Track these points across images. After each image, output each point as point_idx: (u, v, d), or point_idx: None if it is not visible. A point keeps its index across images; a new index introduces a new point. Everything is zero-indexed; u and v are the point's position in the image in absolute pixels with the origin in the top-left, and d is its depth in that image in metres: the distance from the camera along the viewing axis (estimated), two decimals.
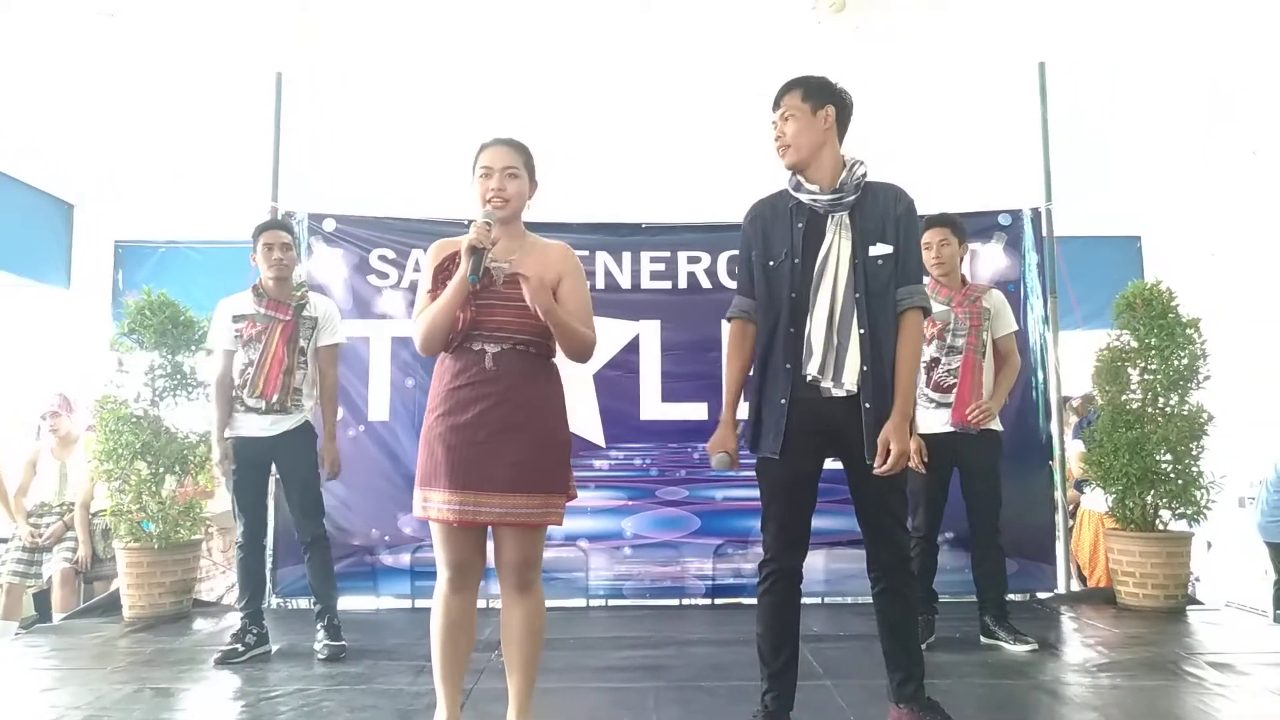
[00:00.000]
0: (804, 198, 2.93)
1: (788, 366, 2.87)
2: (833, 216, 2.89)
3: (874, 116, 6.46)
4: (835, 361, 2.82)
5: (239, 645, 4.20)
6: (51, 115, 6.48)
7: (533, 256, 2.88)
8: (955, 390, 4.30)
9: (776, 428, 2.87)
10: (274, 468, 4.44)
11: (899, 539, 2.95)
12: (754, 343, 3.01)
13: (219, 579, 6.54)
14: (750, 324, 3.02)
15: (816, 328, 2.83)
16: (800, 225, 2.91)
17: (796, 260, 2.89)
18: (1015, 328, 4.56)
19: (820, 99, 2.95)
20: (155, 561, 5.10)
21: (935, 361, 4.37)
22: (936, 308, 4.38)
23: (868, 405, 2.82)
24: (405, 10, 5.36)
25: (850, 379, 2.82)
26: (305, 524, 4.39)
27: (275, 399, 4.24)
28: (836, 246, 2.87)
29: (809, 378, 2.83)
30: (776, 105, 2.95)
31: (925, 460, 4.10)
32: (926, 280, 4.55)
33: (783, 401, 2.87)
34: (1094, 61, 5.92)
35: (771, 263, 2.95)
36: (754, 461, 3.00)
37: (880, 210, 2.92)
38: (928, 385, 4.39)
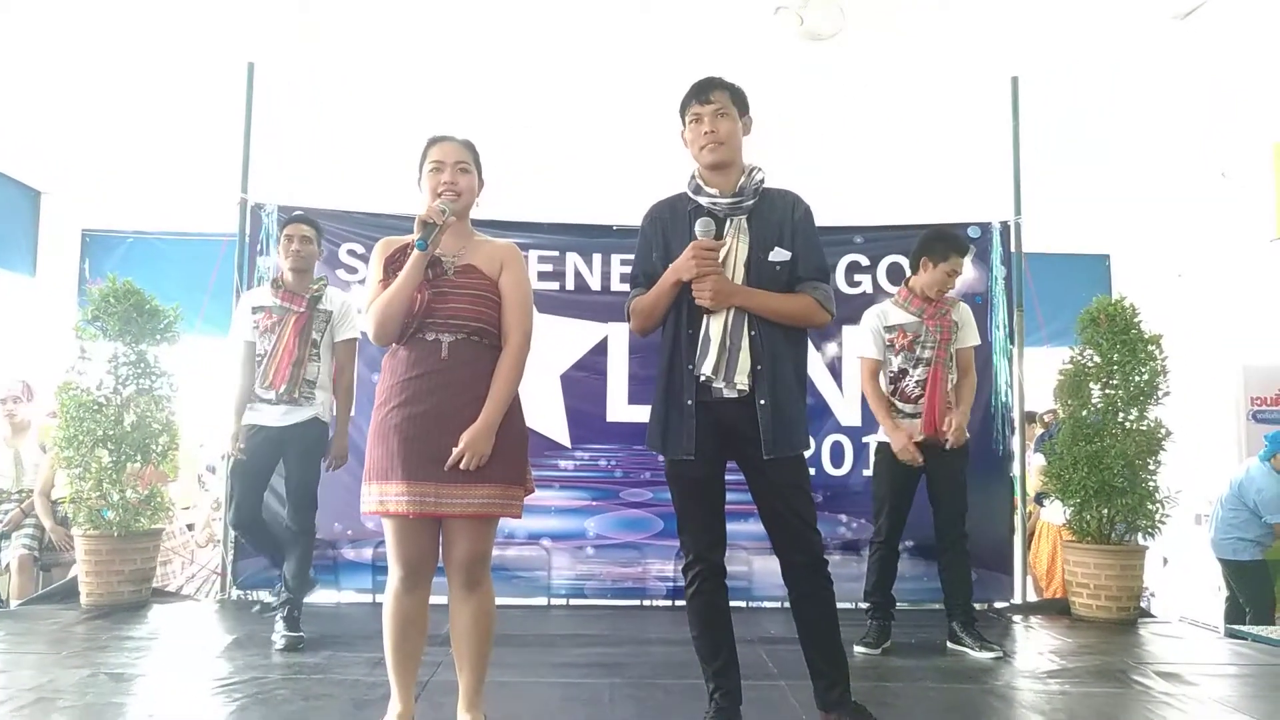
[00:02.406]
0: (703, 201, 2.93)
1: (689, 368, 2.87)
2: (731, 220, 2.91)
3: (847, 126, 6.61)
4: (727, 363, 2.82)
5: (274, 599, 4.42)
6: (20, 102, 6.43)
7: (481, 250, 2.92)
8: (923, 401, 4.33)
9: (688, 429, 2.86)
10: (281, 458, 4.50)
11: (809, 540, 2.90)
12: None
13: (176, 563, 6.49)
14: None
15: (712, 329, 2.84)
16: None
17: None
18: (978, 342, 4.61)
19: (742, 108, 2.98)
20: (114, 549, 5.06)
21: (903, 372, 4.41)
22: (907, 318, 4.43)
23: (763, 402, 2.82)
24: (380, 4, 5.36)
25: (741, 379, 2.82)
26: (296, 514, 4.43)
27: (284, 390, 4.31)
28: (733, 250, 2.88)
29: (702, 378, 2.84)
30: (705, 100, 2.91)
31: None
32: (899, 290, 4.58)
33: (689, 402, 2.86)
34: (1067, 78, 5.99)
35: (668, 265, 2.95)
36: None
37: (778, 216, 2.94)
38: (894, 395, 4.43)
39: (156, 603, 5.20)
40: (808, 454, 3.00)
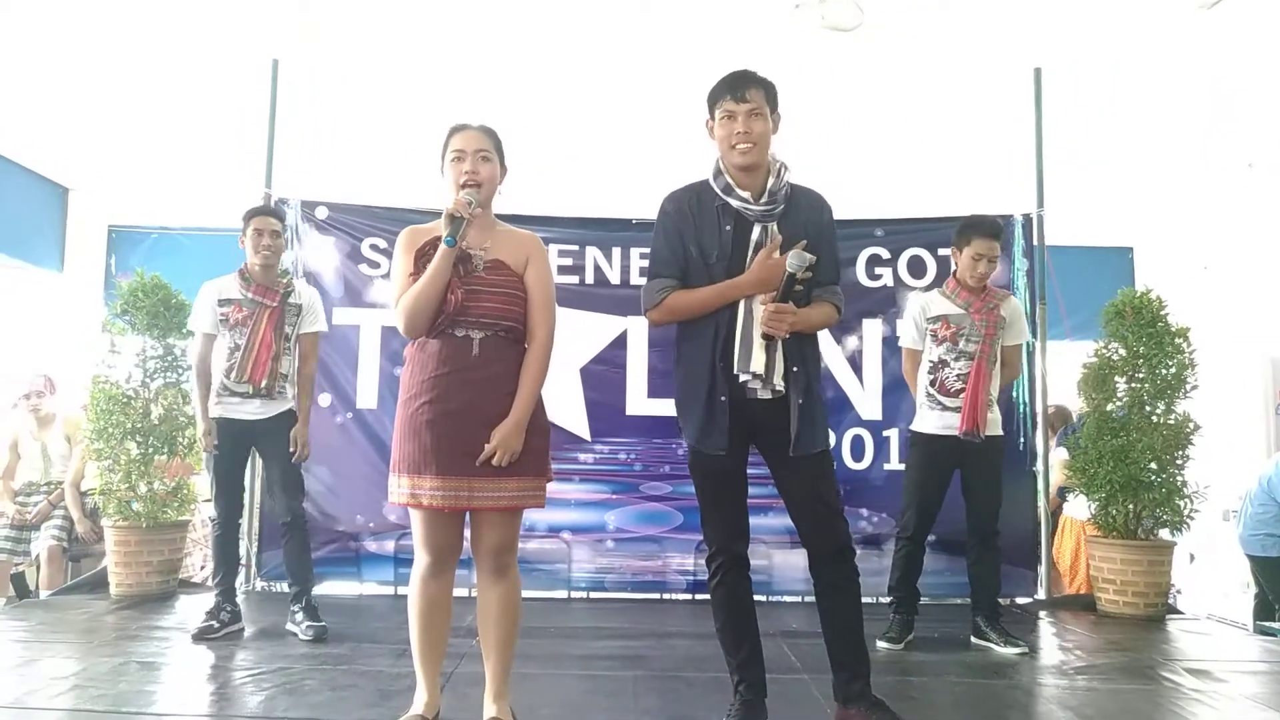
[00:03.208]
0: (735, 203, 2.90)
1: (720, 365, 2.86)
2: (760, 224, 2.90)
3: (868, 118, 6.57)
4: (766, 365, 2.82)
5: (214, 622, 4.26)
6: (49, 99, 6.49)
7: (506, 243, 2.93)
8: (964, 396, 4.26)
9: (721, 425, 2.86)
10: (255, 451, 4.53)
11: (836, 527, 2.91)
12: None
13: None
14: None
15: (748, 331, 2.84)
16: (728, 227, 2.89)
17: (726, 263, 2.89)
18: (1026, 339, 4.56)
19: (774, 105, 2.94)
20: (143, 540, 5.12)
21: (943, 363, 4.35)
22: (952, 309, 4.37)
23: (800, 401, 2.84)
24: (403, 1, 5.38)
25: (778, 380, 2.84)
26: (286, 502, 4.42)
27: (264, 384, 4.28)
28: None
29: (742, 379, 2.85)
30: (741, 98, 2.86)
31: None
32: (947, 281, 4.54)
33: (723, 399, 2.86)
34: (1091, 69, 5.93)
35: (705, 261, 2.93)
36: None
37: (804, 219, 2.93)
38: (933, 387, 4.37)
39: (183, 593, 5.26)
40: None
